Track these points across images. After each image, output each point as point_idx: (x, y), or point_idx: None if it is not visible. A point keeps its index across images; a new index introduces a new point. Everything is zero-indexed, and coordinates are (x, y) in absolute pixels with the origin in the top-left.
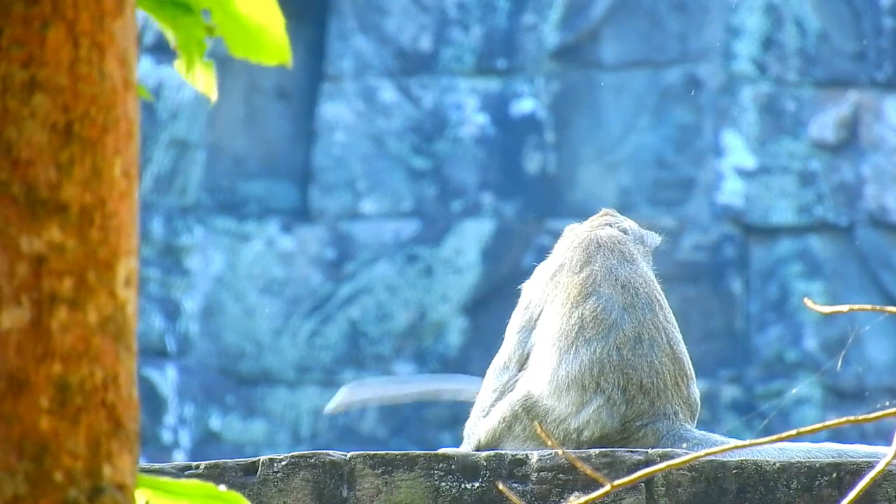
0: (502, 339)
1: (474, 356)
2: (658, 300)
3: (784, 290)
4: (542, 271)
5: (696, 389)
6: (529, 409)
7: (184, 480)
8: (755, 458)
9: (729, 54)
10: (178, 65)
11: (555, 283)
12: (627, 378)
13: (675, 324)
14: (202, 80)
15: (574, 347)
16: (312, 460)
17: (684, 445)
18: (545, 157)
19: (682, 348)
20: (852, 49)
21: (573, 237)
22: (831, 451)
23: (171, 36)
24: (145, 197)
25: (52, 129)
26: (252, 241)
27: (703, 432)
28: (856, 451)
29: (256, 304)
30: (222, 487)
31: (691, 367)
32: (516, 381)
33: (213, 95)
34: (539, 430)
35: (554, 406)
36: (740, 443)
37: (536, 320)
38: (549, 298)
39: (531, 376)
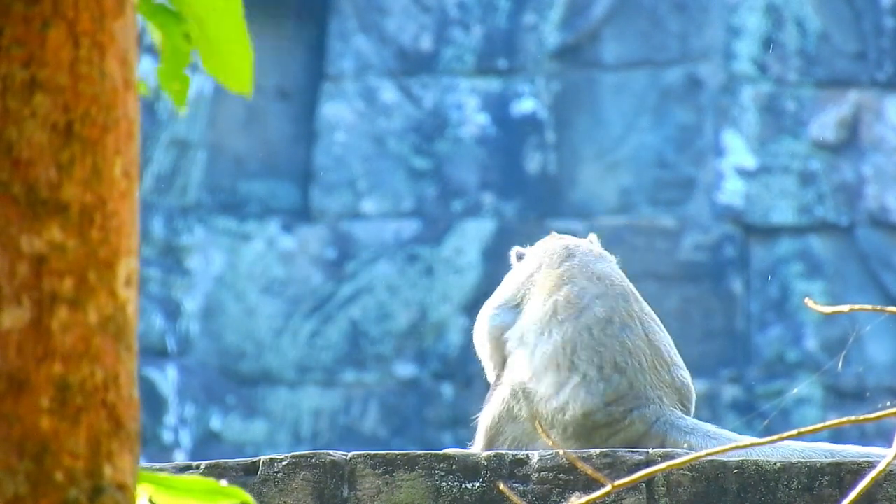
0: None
1: (475, 356)
2: (633, 293)
3: (784, 290)
4: (520, 270)
5: (683, 374)
6: (524, 393)
7: (185, 476)
8: (756, 457)
9: (729, 54)
10: (160, 70)
11: (532, 282)
12: (600, 356)
13: (654, 317)
14: (176, 91)
15: (548, 329)
16: (313, 460)
17: (685, 445)
18: (545, 156)
19: (660, 337)
20: (853, 49)
21: (544, 247)
22: (823, 451)
23: (158, 41)
24: (146, 197)
25: (52, 129)
26: (253, 241)
27: (694, 420)
28: (847, 451)
29: (257, 303)
30: (223, 482)
31: (674, 354)
32: (508, 361)
33: (184, 109)
34: (539, 430)
35: (536, 388)
36: (741, 442)
37: (522, 296)
38: (527, 297)
39: (515, 364)
